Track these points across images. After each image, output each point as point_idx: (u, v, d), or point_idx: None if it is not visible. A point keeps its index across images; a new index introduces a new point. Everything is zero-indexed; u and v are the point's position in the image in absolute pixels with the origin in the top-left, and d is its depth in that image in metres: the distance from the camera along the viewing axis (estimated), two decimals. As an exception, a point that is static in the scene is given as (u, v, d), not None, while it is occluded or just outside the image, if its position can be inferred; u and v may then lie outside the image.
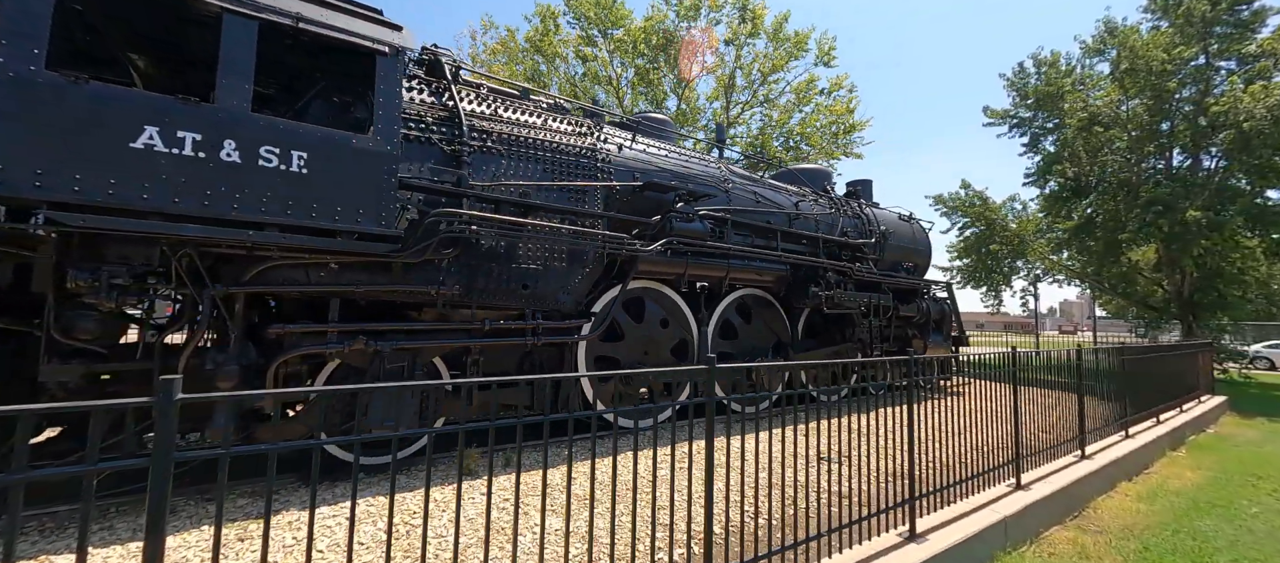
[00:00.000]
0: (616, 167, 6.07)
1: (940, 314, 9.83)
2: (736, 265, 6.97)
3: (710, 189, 6.96)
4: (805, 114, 15.19)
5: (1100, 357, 6.33)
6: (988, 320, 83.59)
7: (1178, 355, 8.85)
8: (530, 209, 5.15)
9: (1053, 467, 4.85)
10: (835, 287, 7.95)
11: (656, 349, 6.41)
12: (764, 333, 7.68)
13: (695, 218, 6.20)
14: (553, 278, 5.26)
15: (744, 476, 3.02)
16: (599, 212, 5.66)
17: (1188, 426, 7.74)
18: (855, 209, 9.41)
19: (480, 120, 5.08)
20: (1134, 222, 14.30)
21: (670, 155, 6.86)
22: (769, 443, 3.07)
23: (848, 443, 3.48)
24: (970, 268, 20.65)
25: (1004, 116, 17.13)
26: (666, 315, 6.56)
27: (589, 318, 5.63)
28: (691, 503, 2.90)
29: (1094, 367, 6.11)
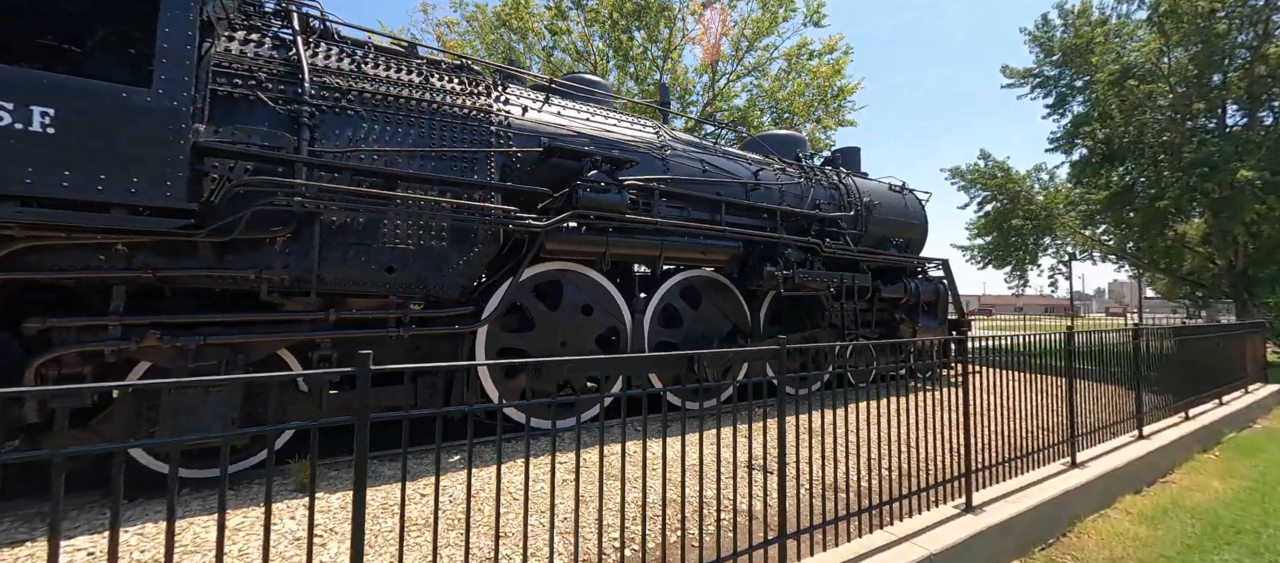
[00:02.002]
0: (518, 131, 5.28)
1: (934, 295, 8.71)
2: (673, 243, 6.11)
3: (641, 156, 6.10)
4: (790, 82, 13.94)
5: (1107, 339, 5.25)
6: (1028, 303, 79.35)
7: (1218, 338, 7.54)
8: (398, 180, 4.43)
9: (1025, 481, 3.88)
10: (799, 265, 7.00)
11: (578, 339, 5.64)
12: (716, 320, 6.81)
13: (612, 188, 5.37)
14: (429, 260, 4.54)
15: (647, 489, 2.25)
16: (493, 183, 4.91)
17: (1226, 421, 6.51)
18: (832, 179, 8.36)
19: (334, 77, 4.37)
20: (1174, 187, 12.63)
21: (594, 119, 6.03)
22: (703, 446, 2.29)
23: (780, 449, 2.68)
24: (991, 247, 19.04)
25: (1026, 76, 15.45)
26: (590, 301, 5.77)
27: (481, 305, 4.90)
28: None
29: (1092, 350, 5.04)
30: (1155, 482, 4.76)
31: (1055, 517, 3.62)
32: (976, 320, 23.46)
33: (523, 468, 2.17)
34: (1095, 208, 16.33)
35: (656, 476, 3.96)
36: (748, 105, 14.40)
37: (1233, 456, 5.53)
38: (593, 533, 2.82)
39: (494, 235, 4.89)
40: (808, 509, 2.88)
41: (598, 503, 2.33)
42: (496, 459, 2.15)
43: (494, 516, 2.26)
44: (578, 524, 2.31)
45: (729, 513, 3.17)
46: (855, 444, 3.26)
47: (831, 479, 3.14)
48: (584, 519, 3.14)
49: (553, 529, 2.17)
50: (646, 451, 2.59)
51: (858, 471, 3.28)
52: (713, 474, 4.26)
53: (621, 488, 2.48)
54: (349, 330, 4.21)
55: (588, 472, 3.55)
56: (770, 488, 3.41)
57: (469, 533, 2.03)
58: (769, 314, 7.48)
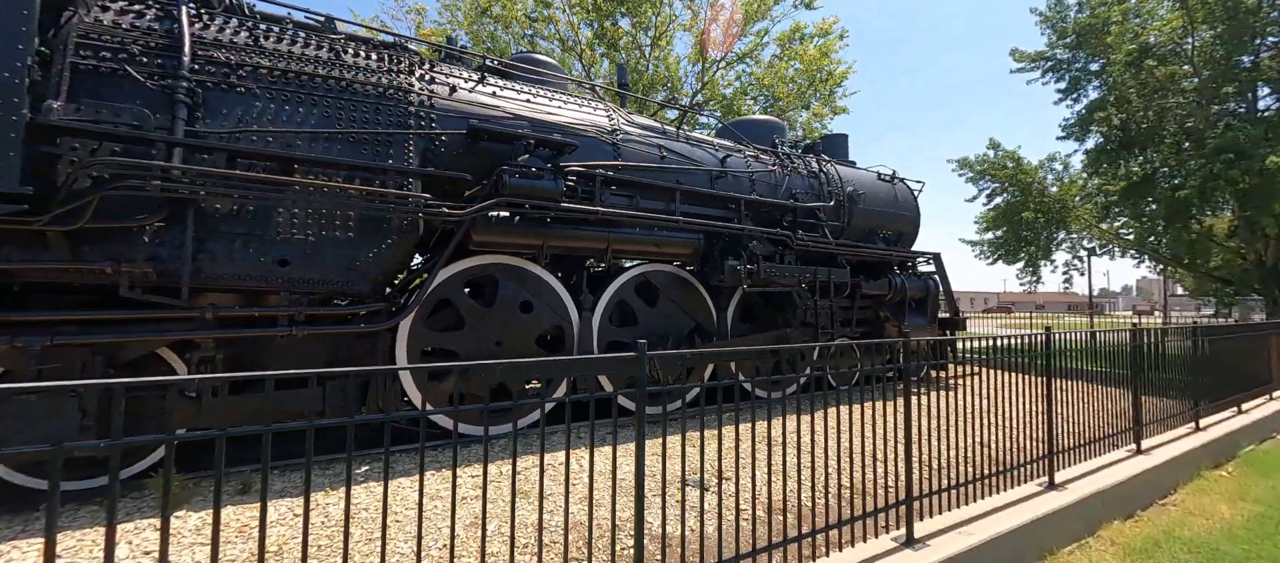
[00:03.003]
0: (444, 112, 4.86)
1: (923, 291, 8.10)
2: (621, 235, 5.65)
3: (587, 141, 5.63)
4: (779, 67, 13.24)
5: (1107, 339, 4.65)
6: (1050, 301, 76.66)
7: (1239, 338, 6.82)
8: (294, 164, 4.03)
9: (987, 505, 3.34)
10: (767, 259, 6.47)
11: (516, 339, 5.21)
12: (677, 318, 6.33)
13: (546, 174, 4.92)
14: (333, 252, 4.15)
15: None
16: (410, 168, 4.49)
17: (1245, 432, 5.83)
18: (810, 167, 7.80)
19: (223, 51, 3.99)
20: (1196, 175, 11.72)
21: (536, 101, 5.58)
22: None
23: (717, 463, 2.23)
24: (1000, 241, 18.12)
25: (1036, 59, 14.54)
26: (531, 297, 5.34)
27: (391, 301, 4.49)
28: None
29: (1086, 352, 4.45)
30: (1152, 504, 4.17)
31: (1019, 551, 3.08)
32: (991, 319, 22.50)
33: (450, 478, 1.83)
34: (1112, 199, 15.37)
35: (599, 490, 3.54)
36: (736, 93, 13.77)
37: (1248, 473, 4.89)
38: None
39: (411, 226, 4.47)
40: (737, 535, 2.41)
41: (509, 522, 1.96)
42: (420, 469, 1.86)
43: (414, 530, 1.84)
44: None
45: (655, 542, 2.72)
46: (808, 457, 2.78)
47: (770, 498, 2.68)
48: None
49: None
50: (570, 462, 2.15)
51: (799, 488, 2.79)
52: (655, 490, 3.81)
53: (540, 508, 2.07)
54: (231, 330, 3.82)
55: (517, 481, 3.12)
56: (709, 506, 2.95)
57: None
58: (739, 312, 6.97)
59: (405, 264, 4.69)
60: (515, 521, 2.14)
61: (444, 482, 3.80)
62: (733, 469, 2.56)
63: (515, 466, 2.14)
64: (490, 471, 3.92)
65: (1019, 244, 17.76)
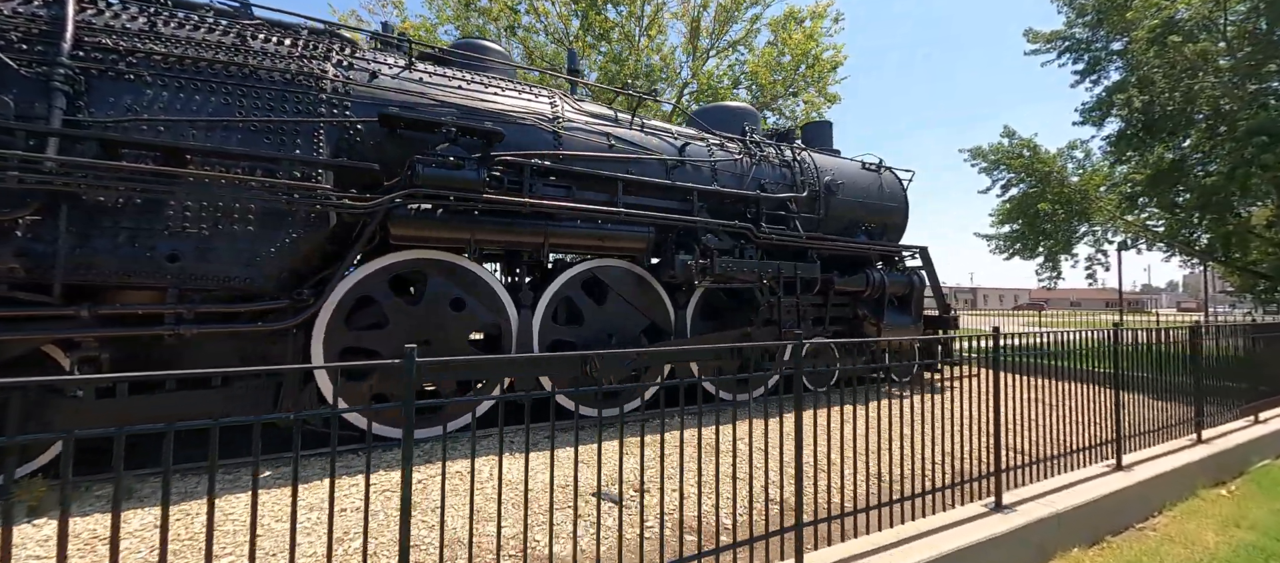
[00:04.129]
0: (360, 100, 4.63)
1: (906, 287, 7.57)
2: (563, 229, 5.34)
3: (521, 129, 5.34)
4: (766, 53, 12.65)
5: (1072, 339, 4.15)
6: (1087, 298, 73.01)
7: (1260, 338, 6.12)
8: (186, 154, 3.85)
9: (916, 529, 2.92)
10: (725, 253, 6.09)
11: (446, 338, 4.97)
12: (629, 316, 5.99)
13: (467, 163, 4.64)
14: (228, 246, 3.96)
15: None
16: (319, 158, 4.28)
17: (1258, 445, 5.19)
18: (783, 156, 7.34)
19: (113, 37, 3.82)
20: (1226, 160, 10.77)
21: (468, 87, 5.30)
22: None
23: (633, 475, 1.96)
24: (1017, 234, 17.16)
25: (1052, 39, 13.61)
26: (463, 294, 5.09)
27: (296, 299, 4.27)
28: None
29: (1063, 354, 3.96)
30: (1127, 529, 3.66)
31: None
32: (1023, 317, 21.29)
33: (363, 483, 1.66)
34: (1138, 189, 14.31)
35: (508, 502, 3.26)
36: (725, 85, 13.24)
37: (1252, 493, 4.30)
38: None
39: (319, 219, 4.26)
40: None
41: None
42: (331, 473, 1.73)
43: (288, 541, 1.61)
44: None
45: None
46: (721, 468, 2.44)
47: (683, 515, 2.36)
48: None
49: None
50: (476, 472, 1.87)
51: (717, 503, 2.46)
52: (565, 501, 3.52)
53: (440, 523, 1.82)
54: (112, 330, 3.66)
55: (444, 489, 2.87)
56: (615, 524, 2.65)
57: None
58: (701, 310, 6.60)
59: (320, 259, 4.48)
60: (404, 537, 1.84)
61: (357, 488, 3.59)
62: (659, 479, 2.25)
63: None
64: (413, 476, 3.72)
65: (1036, 238, 16.78)
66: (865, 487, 3.24)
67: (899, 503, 2.97)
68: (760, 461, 4.01)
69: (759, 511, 3.28)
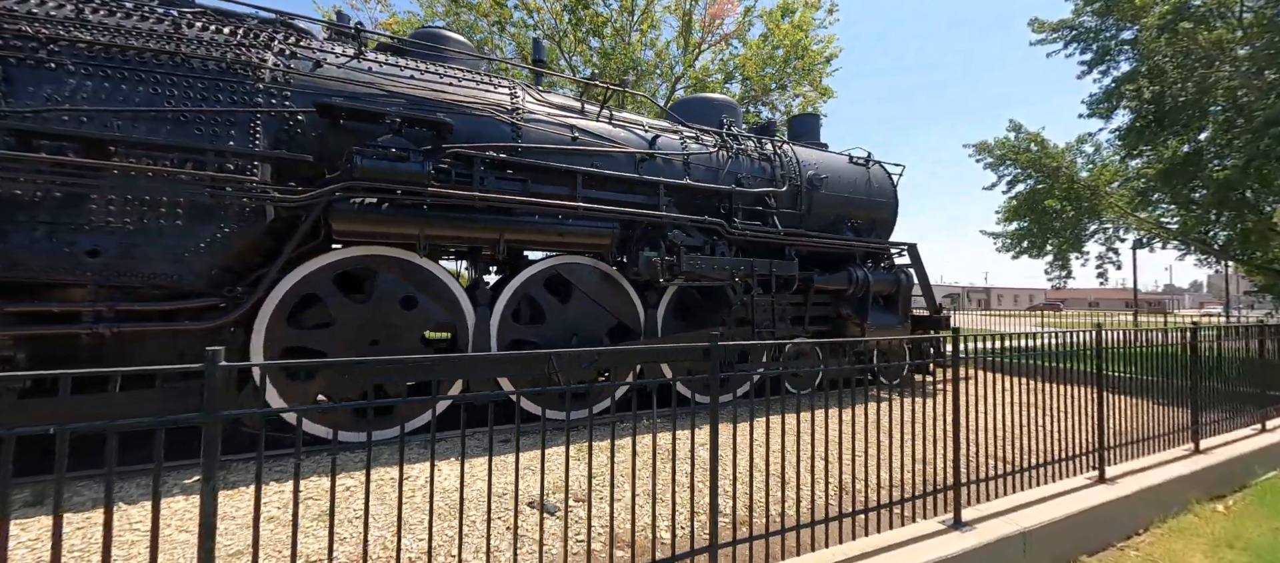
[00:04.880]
0: (301, 90, 4.46)
1: (892, 286, 7.25)
2: (520, 223, 5.13)
3: (474, 121, 5.13)
4: (754, 46, 12.31)
5: (1058, 340, 3.84)
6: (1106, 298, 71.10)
7: (1268, 338, 5.71)
8: (110, 146, 3.71)
9: (863, 548, 2.66)
10: (694, 249, 5.84)
11: (397, 336, 4.79)
12: (595, 316, 5.77)
13: (411, 155, 4.45)
14: (155, 242, 3.81)
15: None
16: (253, 150, 4.11)
17: (1263, 455, 4.81)
18: (763, 150, 7.06)
19: (33, 25, 3.69)
20: (1241, 152, 10.25)
21: (421, 77, 5.11)
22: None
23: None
24: (1023, 233, 16.62)
25: (1058, 28, 13.10)
26: (416, 292, 4.90)
27: (225, 295, 4.11)
28: None
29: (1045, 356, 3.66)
30: (1106, 548, 3.35)
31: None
32: (1024, 317, 20.69)
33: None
34: (1150, 184, 13.73)
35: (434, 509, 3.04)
36: (713, 74, 12.94)
37: (1251, 510, 3.94)
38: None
39: (254, 213, 4.10)
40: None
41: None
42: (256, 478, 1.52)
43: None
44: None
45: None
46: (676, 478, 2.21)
47: (613, 528, 2.14)
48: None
49: None
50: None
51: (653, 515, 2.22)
52: (501, 510, 3.32)
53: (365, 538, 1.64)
54: (25, 328, 3.52)
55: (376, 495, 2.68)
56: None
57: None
58: (673, 309, 6.36)
59: (260, 256, 4.32)
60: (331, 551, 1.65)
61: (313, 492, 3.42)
62: (607, 487, 2.04)
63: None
64: (348, 482, 3.55)
65: (1044, 236, 16.23)
66: (802, 502, 2.98)
67: (836, 521, 2.71)
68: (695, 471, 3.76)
69: (703, 525, 3.04)
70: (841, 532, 2.71)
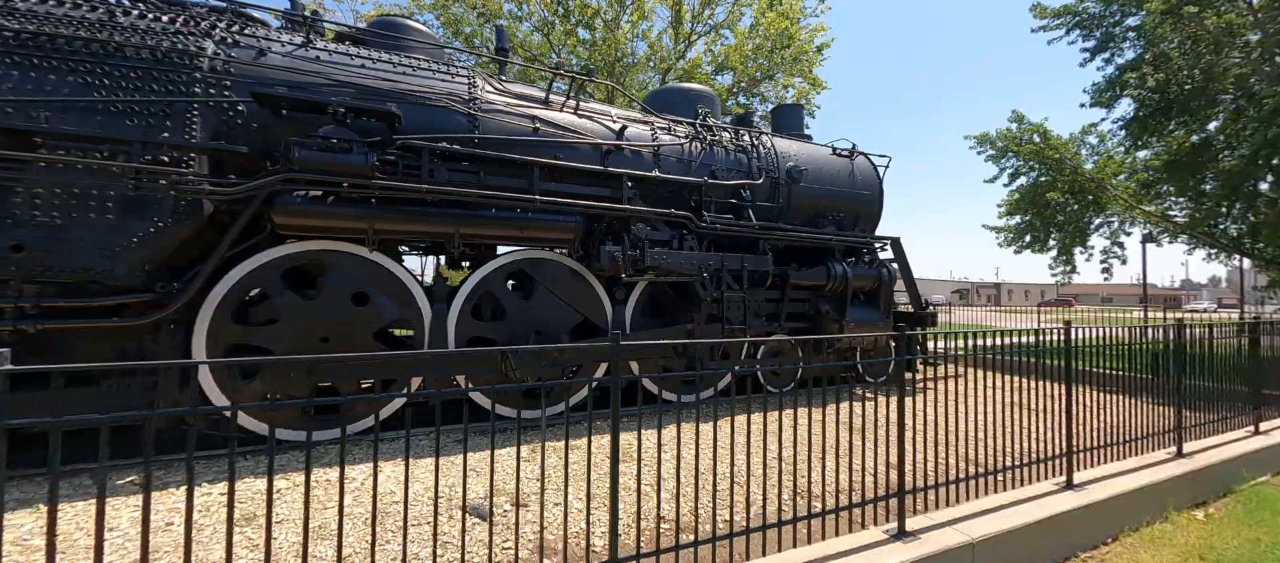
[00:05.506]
0: (243, 79, 4.33)
1: (873, 281, 7.02)
2: (473, 218, 4.98)
3: (434, 112, 4.98)
4: (739, 37, 12.01)
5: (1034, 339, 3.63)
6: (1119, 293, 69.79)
7: (1264, 335, 5.44)
8: (34, 137, 3.60)
9: (806, 556, 2.48)
10: (660, 244, 5.66)
11: (348, 334, 4.67)
12: (559, 312, 5.61)
13: (354, 146, 4.30)
14: (84, 236, 3.70)
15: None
16: (192, 142, 3.99)
17: (1254, 459, 4.55)
18: (739, 141, 6.85)
19: (-45, 14, 3.59)
20: (1249, 141, 9.85)
21: (372, 66, 4.95)
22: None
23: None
24: (1026, 226, 16.23)
25: (1060, 14, 12.68)
26: (367, 288, 4.77)
27: (158, 291, 4.00)
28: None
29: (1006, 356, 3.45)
30: (1068, 559, 3.15)
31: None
32: (1049, 313, 20.17)
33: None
34: (1158, 175, 13.28)
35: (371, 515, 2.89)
36: (703, 66, 12.65)
37: (1233, 517, 3.71)
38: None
39: (191, 206, 3.99)
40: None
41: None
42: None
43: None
44: None
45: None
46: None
47: (542, 537, 2.00)
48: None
49: None
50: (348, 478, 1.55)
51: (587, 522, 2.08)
52: (441, 514, 3.19)
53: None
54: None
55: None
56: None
57: None
58: (645, 305, 6.19)
59: (200, 250, 4.20)
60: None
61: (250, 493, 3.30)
62: (556, 492, 1.90)
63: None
64: (281, 483, 3.43)
65: (1047, 230, 15.83)
66: (751, 507, 2.81)
67: (775, 529, 2.54)
68: (665, 473, 3.60)
69: (648, 531, 2.89)
70: (780, 540, 2.54)
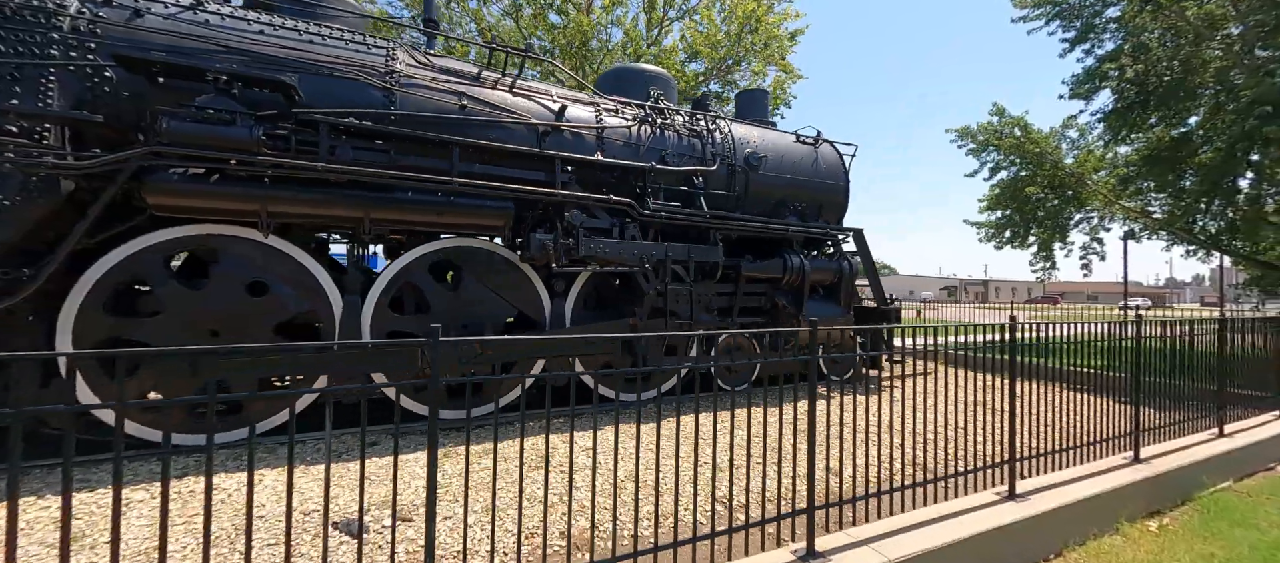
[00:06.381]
0: (115, 43, 3.87)
1: (833, 274, 6.69)
2: (386, 201, 4.56)
3: (342, 85, 4.55)
4: (707, 15, 11.66)
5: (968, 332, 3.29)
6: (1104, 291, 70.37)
7: (1240, 332, 5.16)
8: None
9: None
10: (598, 233, 5.28)
11: (242, 326, 4.24)
12: (490, 304, 5.21)
13: (236, 118, 3.87)
14: (-89, 214, 3.26)
15: None
16: (47, 111, 3.55)
17: (1217, 463, 4.27)
18: (694, 126, 6.47)
19: None
20: (1226, 134, 9.63)
21: (274, 33, 4.50)
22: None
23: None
24: (1006, 221, 16.03)
25: (1041, 3, 12.40)
26: (265, 277, 4.35)
27: (7, 277, 3.56)
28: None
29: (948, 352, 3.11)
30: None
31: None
32: (1036, 310, 20.09)
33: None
34: (1136, 169, 13.08)
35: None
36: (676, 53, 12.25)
37: (1189, 528, 3.41)
38: None
39: (47, 184, 3.54)
40: None
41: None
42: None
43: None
44: None
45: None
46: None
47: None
48: None
49: None
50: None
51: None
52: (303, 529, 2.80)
53: None
54: None
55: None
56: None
57: None
58: (588, 298, 5.81)
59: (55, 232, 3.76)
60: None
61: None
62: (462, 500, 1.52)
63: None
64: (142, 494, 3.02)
65: (1027, 226, 15.64)
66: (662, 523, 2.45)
67: (670, 550, 2.18)
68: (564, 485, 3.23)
69: (535, 548, 2.53)
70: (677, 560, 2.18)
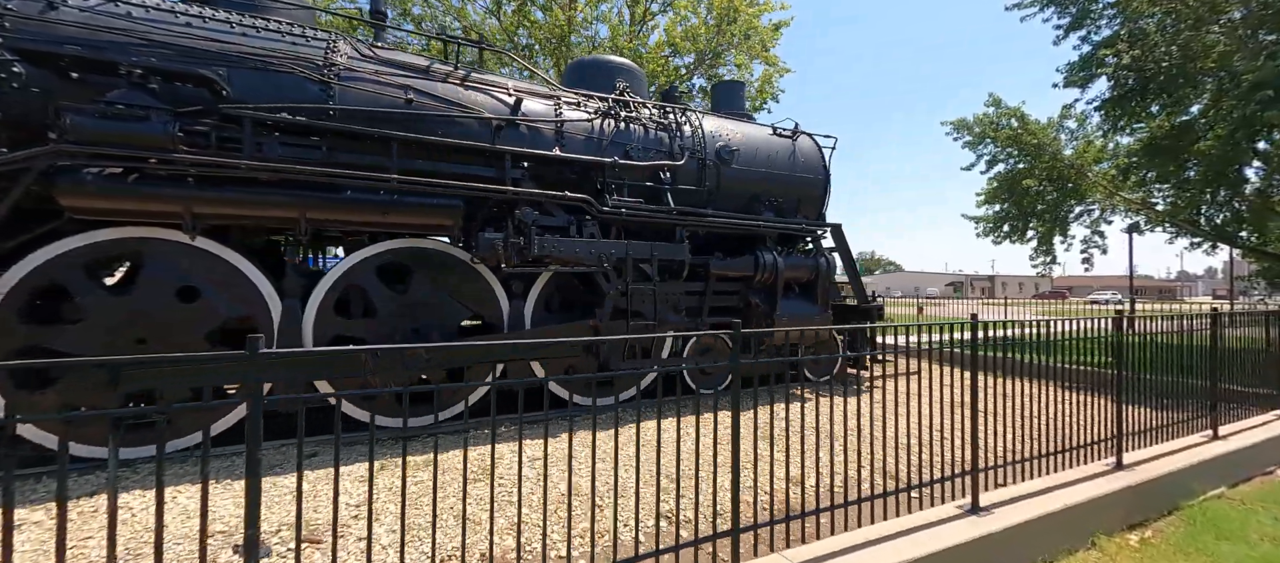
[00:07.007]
0: (25, 37, 3.67)
1: (810, 272, 6.42)
2: (323, 200, 4.34)
3: (276, 79, 4.33)
4: (683, 6, 11.36)
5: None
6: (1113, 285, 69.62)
7: (1236, 327, 4.86)
8: None
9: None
10: (558, 230, 5.05)
11: (172, 334, 4.03)
12: (442, 308, 4.98)
13: (151, 114, 3.66)
14: None
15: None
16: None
17: (1207, 469, 3.97)
18: (662, 119, 6.21)
19: None
20: (1227, 121, 9.26)
21: (204, 26, 4.28)
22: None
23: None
24: (1003, 215, 15.66)
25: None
26: (197, 282, 4.14)
27: None
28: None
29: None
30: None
31: None
32: (1035, 306, 19.58)
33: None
34: (1136, 159, 12.69)
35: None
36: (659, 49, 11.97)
37: (1173, 543, 3.12)
38: None
39: (-54, 185, 3.35)
40: None
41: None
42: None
43: None
44: None
45: None
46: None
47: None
48: None
49: None
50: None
51: None
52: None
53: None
54: None
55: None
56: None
57: None
58: (549, 299, 5.58)
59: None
60: None
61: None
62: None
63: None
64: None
65: (1025, 219, 15.26)
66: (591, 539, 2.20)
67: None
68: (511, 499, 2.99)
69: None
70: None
